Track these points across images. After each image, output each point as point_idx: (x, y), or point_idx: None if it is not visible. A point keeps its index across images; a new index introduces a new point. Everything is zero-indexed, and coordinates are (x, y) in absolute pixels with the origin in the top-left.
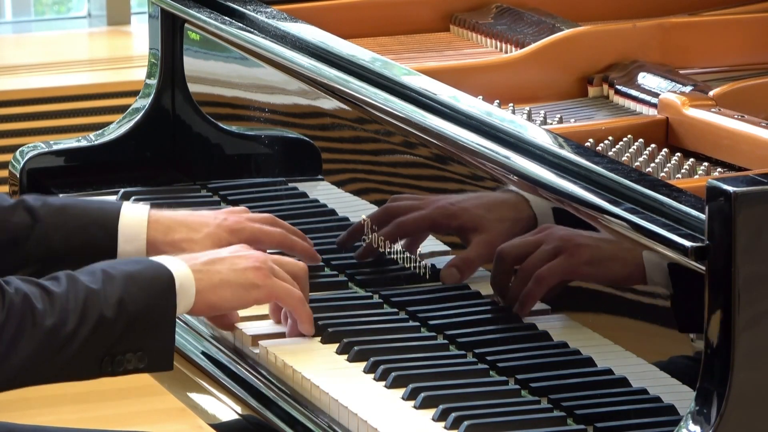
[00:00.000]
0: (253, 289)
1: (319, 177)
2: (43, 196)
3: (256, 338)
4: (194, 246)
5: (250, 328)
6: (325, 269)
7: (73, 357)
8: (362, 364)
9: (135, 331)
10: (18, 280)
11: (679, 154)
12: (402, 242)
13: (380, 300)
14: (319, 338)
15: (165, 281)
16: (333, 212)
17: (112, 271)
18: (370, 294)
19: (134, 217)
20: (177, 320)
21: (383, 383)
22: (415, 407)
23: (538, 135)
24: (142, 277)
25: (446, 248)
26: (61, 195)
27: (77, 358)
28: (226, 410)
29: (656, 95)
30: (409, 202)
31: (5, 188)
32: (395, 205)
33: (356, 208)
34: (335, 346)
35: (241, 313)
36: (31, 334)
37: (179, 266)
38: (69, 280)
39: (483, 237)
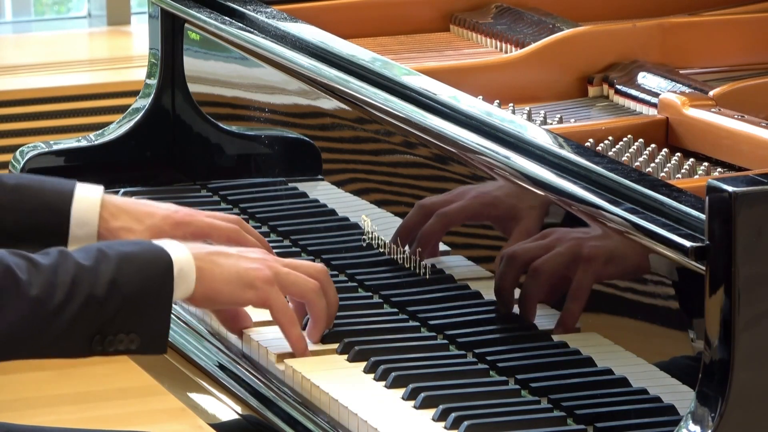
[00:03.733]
0: (249, 290)
1: (319, 177)
2: None
3: (257, 341)
4: (131, 236)
5: (253, 333)
6: None
7: (61, 332)
8: (362, 364)
9: (128, 313)
10: (5, 251)
11: (679, 154)
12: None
13: (380, 300)
14: (336, 345)
15: (163, 264)
16: (333, 212)
17: (108, 250)
18: (370, 294)
19: (88, 201)
20: (177, 320)
21: (383, 383)
22: (415, 407)
23: (538, 135)
24: (139, 258)
25: (446, 248)
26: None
27: (66, 334)
28: (226, 410)
29: (656, 95)
30: (441, 197)
31: None
32: (427, 201)
33: (356, 208)
34: (335, 346)
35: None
36: (16, 305)
37: (181, 252)
38: (60, 255)
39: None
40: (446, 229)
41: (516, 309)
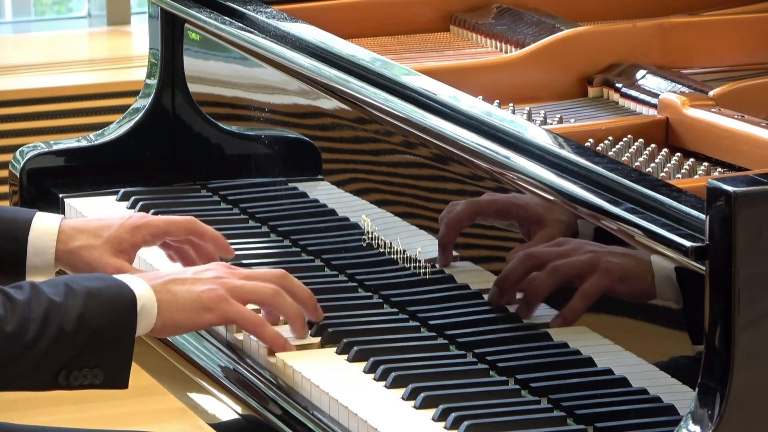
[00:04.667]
0: (206, 313)
1: (319, 177)
2: None
3: (256, 340)
4: (93, 252)
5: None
6: (325, 269)
7: (30, 367)
8: (362, 364)
9: (94, 348)
10: None
11: (679, 154)
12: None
13: (380, 300)
14: (319, 338)
15: (127, 301)
16: (333, 212)
17: (74, 285)
18: (370, 294)
19: (45, 230)
20: None
21: (383, 383)
22: (415, 407)
23: (538, 135)
24: (104, 295)
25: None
26: (60, 195)
27: (34, 369)
28: (226, 410)
29: (656, 95)
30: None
31: (5, 188)
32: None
33: (356, 208)
34: (335, 346)
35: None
36: None
37: (142, 287)
38: (32, 290)
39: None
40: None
41: (514, 308)
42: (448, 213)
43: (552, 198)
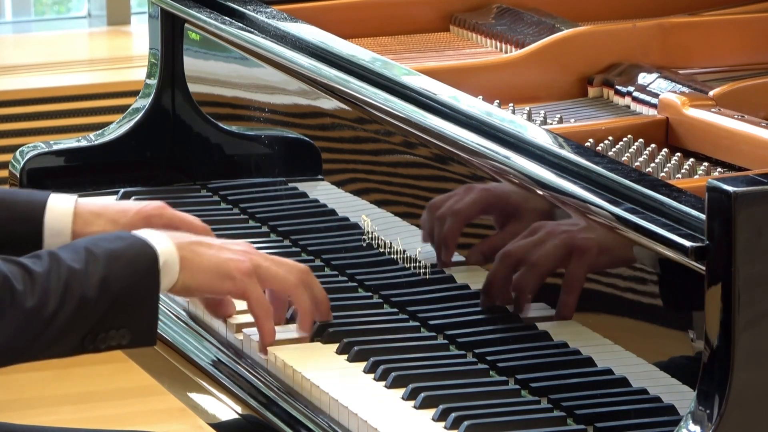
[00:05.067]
0: (227, 280)
1: (319, 177)
2: None
3: (257, 340)
4: None
5: (253, 331)
6: (325, 269)
7: (55, 337)
8: (362, 364)
9: (118, 310)
10: None
11: (679, 154)
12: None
13: (380, 300)
14: (319, 338)
15: (149, 259)
16: (333, 212)
17: (95, 249)
18: (370, 294)
19: (61, 211)
20: (177, 320)
21: (383, 383)
22: (415, 407)
23: (538, 135)
24: (126, 255)
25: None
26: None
27: (59, 338)
28: (226, 410)
29: (656, 95)
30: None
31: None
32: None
33: (356, 208)
34: (335, 346)
35: (245, 319)
36: (11, 316)
37: (165, 243)
38: (51, 259)
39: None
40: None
41: (512, 307)
42: (443, 211)
43: (552, 198)
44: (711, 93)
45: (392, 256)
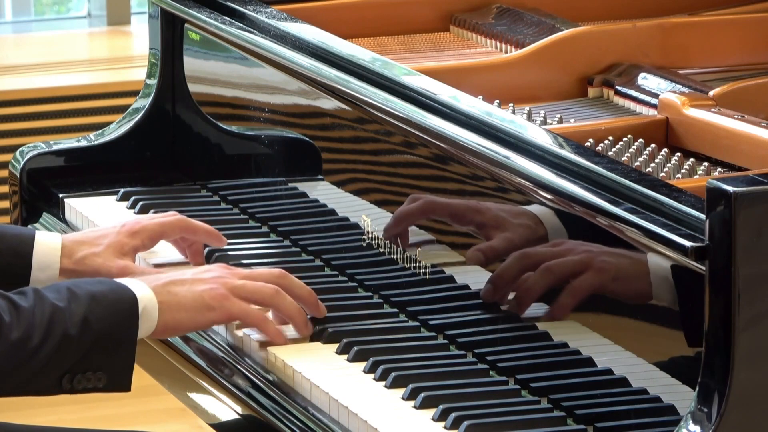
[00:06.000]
0: (208, 312)
1: (319, 177)
2: None
3: (257, 340)
4: (96, 259)
5: (252, 331)
6: (325, 269)
7: (34, 373)
8: (362, 364)
9: (97, 351)
10: None
11: (679, 154)
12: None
13: (380, 300)
14: (319, 338)
15: (128, 303)
16: (333, 212)
17: (77, 290)
18: (370, 294)
19: (48, 245)
20: None
21: (383, 383)
22: (415, 407)
23: (538, 135)
24: (107, 298)
25: (446, 248)
26: (60, 195)
27: (38, 374)
28: (226, 410)
29: (656, 95)
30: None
31: (5, 188)
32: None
33: (356, 208)
34: (335, 346)
35: None
36: None
37: (143, 290)
38: (36, 296)
39: (505, 234)
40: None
41: (512, 307)
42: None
43: (552, 197)
44: (711, 93)
45: (392, 256)
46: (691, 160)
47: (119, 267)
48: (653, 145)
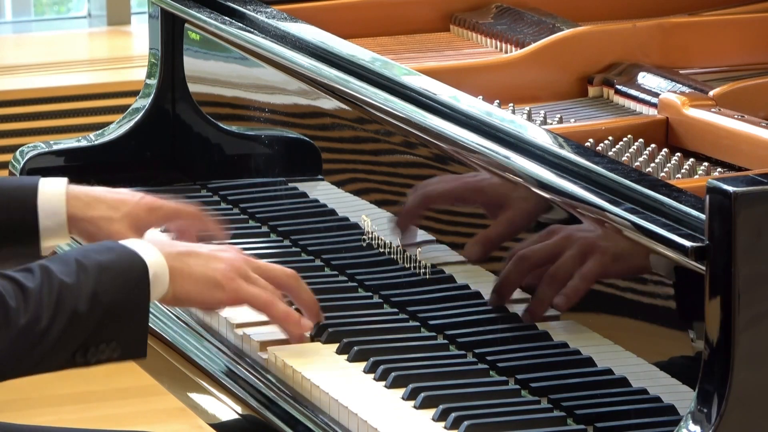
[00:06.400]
0: (217, 290)
1: (319, 177)
2: None
3: (257, 340)
4: (113, 225)
5: (250, 330)
6: (325, 269)
7: (46, 352)
8: (362, 364)
9: (108, 323)
10: None
11: (679, 154)
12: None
13: (380, 300)
14: (319, 338)
15: (139, 271)
16: (333, 212)
17: (85, 261)
18: (370, 294)
19: (53, 191)
20: (177, 320)
21: (383, 383)
22: (415, 407)
23: (538, 135)
24: (116, 267)
25: (446, 248)
26: None
27: (50, 353)
28: (226, 410)
29: (656, 95)
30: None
31: None
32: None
33: (356, 208)
34: (335, 346)
35: (245, 319)
36: (4, 333)
37: (154, 255)
38: (43, 274)
39: (506, 215)
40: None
41: (514, 308)
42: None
43: (552, 198)
44: (711, 93)
45: (392, 256)
46: (691, 160)
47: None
48: (653, 145)
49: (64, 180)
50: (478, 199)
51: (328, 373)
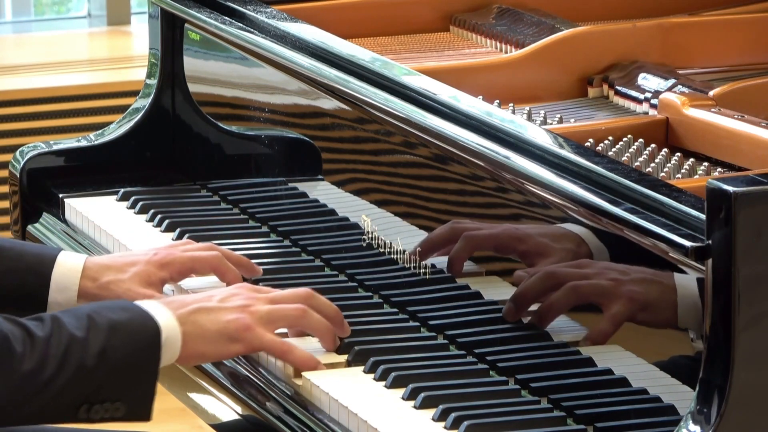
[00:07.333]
0: (232, 344)
1: (319, 177)
2: None
3: None
4: (122, 285)
5: None
6: (325, 269)
7: (48, 403)
8: (362, 364)
9: (115, 382)
10: (1, 318)
11: (679, 154)
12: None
13: (380, 300)
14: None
15: (151, 334)
16: (333, 212)
17: (97, 318)
18: (370, 294)
19: (69, 266)
20: None
21: (383, 383)
22: (415, 407)
23: (538, 135)
24: (128, 328)
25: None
26: (60, 195)
27: (52, 404)
28: (226, 410)
29: (656, 95)
30: (474, 223)
31: (5, 188)
32: (460, 225)
33: (356, 208)
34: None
35: None
36: (6, 377)
37: (166, 317)
38: (54, 324)
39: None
40: (472, 252)
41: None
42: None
43: (552, 198)
44: (711, 93)
45: (392, 256)
46: (691, 160)
47: (144, 296)
48: (653, 145)
49: (83, 257)
50: (519, 248)
51: (328, 373)
